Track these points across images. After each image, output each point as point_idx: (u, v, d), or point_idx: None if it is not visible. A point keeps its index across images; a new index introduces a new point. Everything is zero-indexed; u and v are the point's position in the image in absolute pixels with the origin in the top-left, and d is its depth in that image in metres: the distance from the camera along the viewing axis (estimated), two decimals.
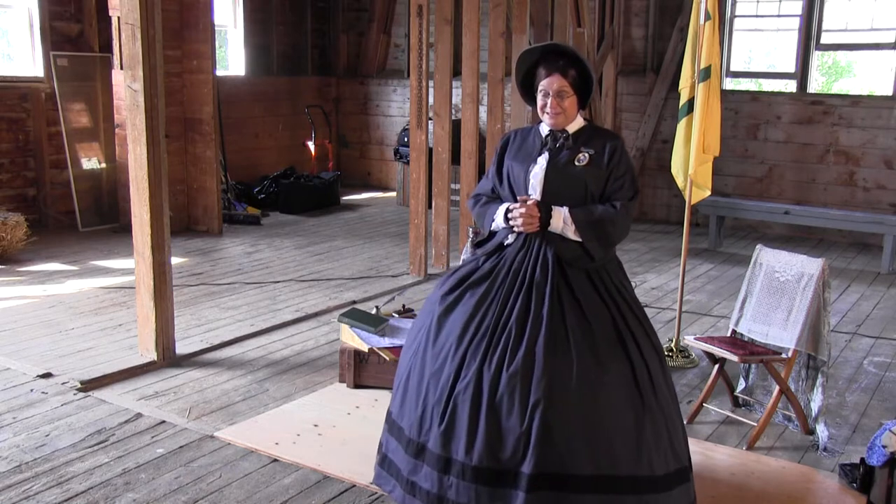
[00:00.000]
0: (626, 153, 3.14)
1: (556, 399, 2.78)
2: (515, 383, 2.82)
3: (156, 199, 4.60)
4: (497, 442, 2.80)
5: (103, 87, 8.42)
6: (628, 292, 3.15)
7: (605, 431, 2.81)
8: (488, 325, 2.96)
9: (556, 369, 2.82)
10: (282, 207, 9.77)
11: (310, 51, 11.67)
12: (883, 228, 7.74)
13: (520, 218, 3.06)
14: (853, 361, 5.20)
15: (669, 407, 3.01)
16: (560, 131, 3.16)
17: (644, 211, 10.04)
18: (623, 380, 2.88)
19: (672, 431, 2.98)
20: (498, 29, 7.18)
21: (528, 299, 2.97)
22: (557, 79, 3.07)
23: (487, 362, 2.88)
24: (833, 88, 11.01)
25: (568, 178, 3.07)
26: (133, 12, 4.46)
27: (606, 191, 3.10)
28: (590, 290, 3.02)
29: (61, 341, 5.13)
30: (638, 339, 3.00)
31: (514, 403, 2.79)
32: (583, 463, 2.78)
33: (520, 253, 3.09)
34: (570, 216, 3.04)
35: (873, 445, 3.39)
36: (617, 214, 3.06)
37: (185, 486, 3.44)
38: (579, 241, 3.06)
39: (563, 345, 2.87)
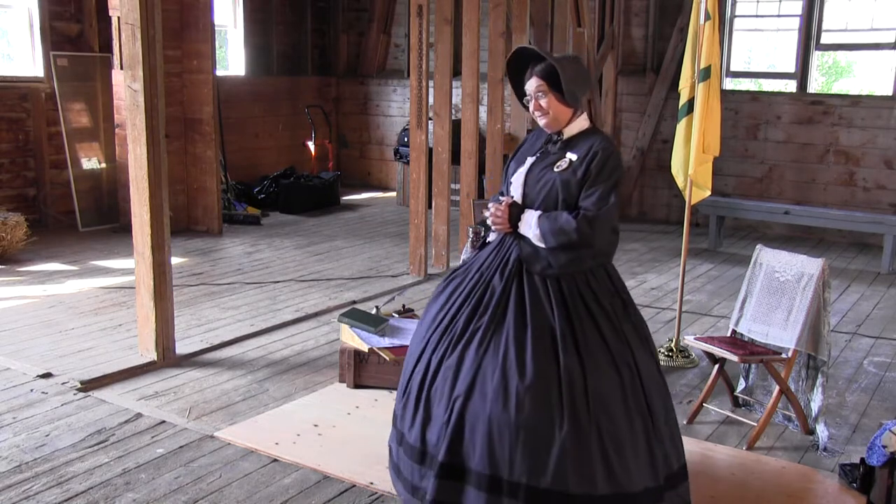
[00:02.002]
0: (609, 162, 2.99)
1: (474, 396, 2.84)
2: (448, 375, 2.92)
3: (156, 199, 4.60)
4: (427, 427, 2.95)
5: (103, 87, 8.42)
6: (604, 305, 3.00)
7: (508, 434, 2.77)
8: (449, 318, 3.05)
9: (481, 369, 2.86)
10: (282, 207, 9.77)
11: (310, 51, 11.67)
12: (883, 228, 7.74)
13: (491, 217, 3.10)
14: (853, 361, 5.20)
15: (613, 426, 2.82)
16: (556, 134, 3.13)
17: (644, 211, 10.05)
18: (543, 391, 2.78)
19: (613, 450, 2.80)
20: (498, 29, 7.18)
21: (482, 297, 3.02)
22: (534, 80, 3.07)
23: (436, 352, 3.00)
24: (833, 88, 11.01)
25: (544, 183, 3.05)
26: (133, 12, 4.46)
27: (580, 199, 3.00)
28: (541, 297, 2.95)
29: (61, 341, 5.13)
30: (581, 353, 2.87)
31: (444, 394, 2.91)
32: (481, 460, 2.80)
33: (493, 252, 3.13)
34: (536, 221, 3.00)
35: (873, 445, 3.39)
36: (578, 224, 2.92)
37: (185, 486, 3.44)
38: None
39: (494, 346, 2.89)
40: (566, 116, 3.09)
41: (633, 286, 6.87)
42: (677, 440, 3.08)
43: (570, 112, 3.09)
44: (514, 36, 7.68)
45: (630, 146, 10.00)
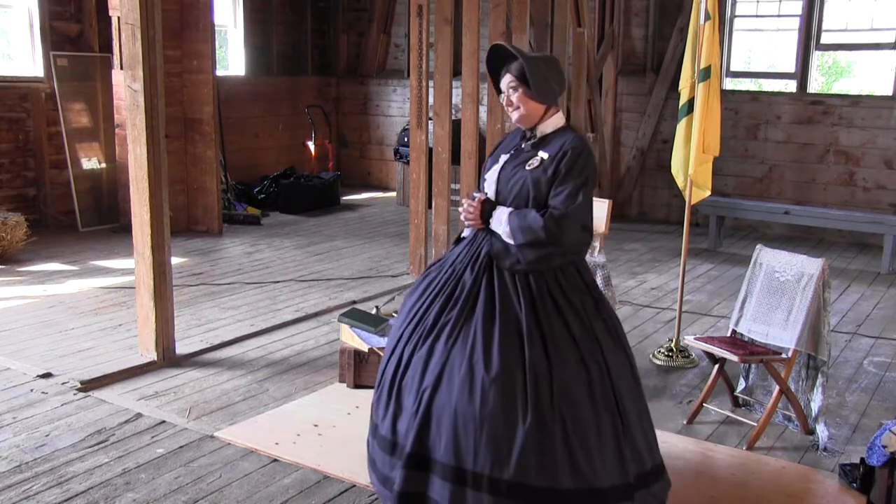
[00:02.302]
0: (578, 161, 3.00)
1: (441, 388, 2.88)
2: (418, 367, 2.96)
3: (156, 199, 4.61)
4: (398, 418, 3.00)
5: (103, 87, 8.42)
6: (573, 302, 3.01)
7: (473, 426, 2.80)
8: (422, 311, 3.09)
9: (448, 361, 2.91)
10: (282, 207, 9.77)
11: (310, 51, 11.67)
12: (883, 228, 7.74)
13: (463, 213, 3.14)
14: (853, 361, 5.20)
15: (578, 422, 2.82)
16: (530, 131, 3.17)
17: (644, 211, 10.05)
18: (508, 384, 2.81)
19: (577, 446, 2.81)
20: (498, 29, 7.17)
21: (453, 291, 3.06)
22: (507, 76, 3.12)
23: (409, 344, 3.04)
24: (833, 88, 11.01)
25: (515, 181, 3.08)
26: (133, 12, 4.46)
27: (549, 197, 3.02)
28: (510, 292, 2.98)
29: (61, 341, 5.13)
30: (547, 350, 2.88)
31: (414, 385, 2.95)
32: (447, 451, 2.84)
33: (466, 247, 3.17)
34: (506, 218, 3.03)
35: (873, 445, 3.39)
36: (545, 222, 2.94)
37: (185, 486, 3.44)
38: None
39: (462, 339, 2.93)
40: (538, 113, 3.12)
41: (633, 286, 6.87)
42: (651, 440, 3.09)
43: (542, 109, 3.12)
44: (514, 36, 7.67)
45: (630, 146, 10.00)
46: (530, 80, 3.02)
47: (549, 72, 3.10)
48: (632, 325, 5.82)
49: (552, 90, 3.10)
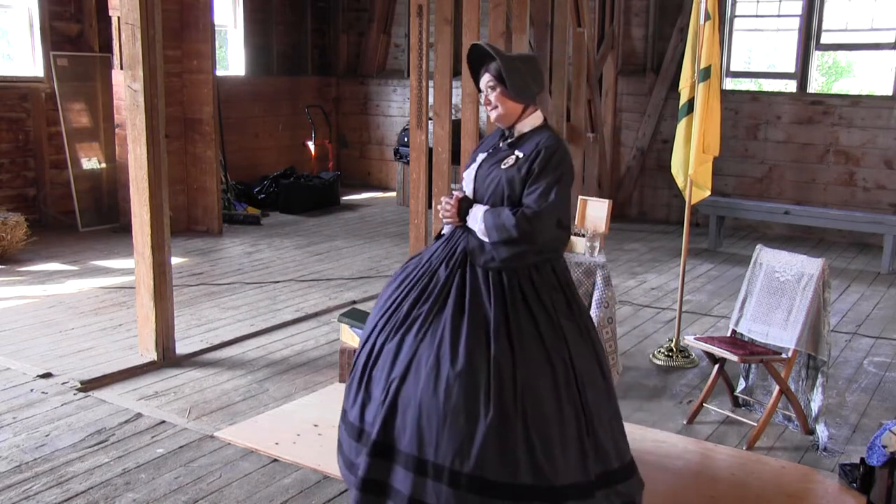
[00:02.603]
0: (552, 159, 3.03)
1: (408, 379, 2.93)
2: (388, 358, 3.02)
3: (156, 199, 4.61)
4: (366, 406, 3.06)
5: (103, 87, 8.42)
6: (543, 300, 3.02)
7: (436, 419, 2.85)
8: (396, 303, 3.13)
9: (417, 354, 2.96)
10: (282, 207, 9.77)
11: (310, 51, 11.67)
12: (883, 228, 7.74)
13: (441, 210, 3.18)
14: (853, 361, 5.20)
15: (540, 419, 2.84)
16: (508, 130, 3.20)
17: (644, 211, 10.05)
18: (473, 379, 2.84)
19: (539, 443, 2.82)
20: (498, 29, 7.17)
21: (427, 285, 3.10)
22: (486, 76, 3.15)
23: (381, 335, 3.09)
24: (833, 88, 11.01)
25: (491, 179, 3.12)
26: (133, 12, 4.46)
27: (524, 194, 3.04)
28: (481, 288, 3.01)
29: (61, 341, 5.13)
30: (520, 347, 2.90)
31: (383, 376, 3.01)
32: (410, 442, 2.89)
33: (444, 243, 3.20)
34: (482, 215, 3.07)
35: (873, 445, 3.39)
36: (517, 220, 2.97)
37: (185, 486, 3.44)
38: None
39: (431, 333, 2.97)
40: (516, 112, 3.15)
41: (633, 286, 6.87)
42: (619, 439, 3.09)
43: (519, 108, 3.14)
44: (515, 36, 7.67)
45: (630, 146, 10.00)
46: (507, 79, 3.06)
47: (527, 71, 3.12)
48: (632, 325, 5.82)
49: (530, 90, 3.13)
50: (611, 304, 4.37)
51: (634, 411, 4.34)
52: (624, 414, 4.26)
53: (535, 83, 3.15)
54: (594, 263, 4.41)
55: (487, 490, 2.79)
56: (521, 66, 3.11)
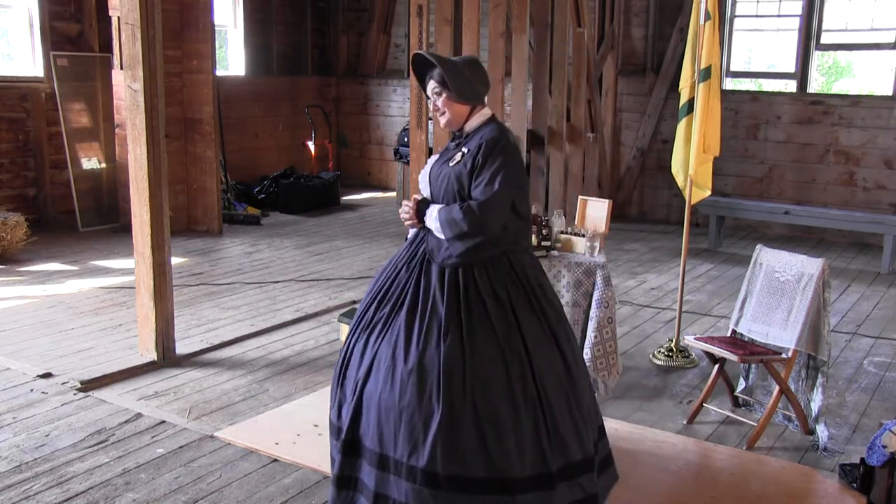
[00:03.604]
0: (495, 149, 3.04)
1: (370, 379, 3.01)
2: (356, 360, 3.10)
3: (156, 199, 4.60)
4: (342, 405, 3.13)
5: (103, 87, 8.42)
6: (499, 295, 3.03)
7: (394, 416, 2.92)
8: (365, 305, 3.20)
9: (377, 354, 3.03)
10: (282, 207, 9.77)
11: (310, 51, 11.67)
12: (883, 228, 7.74)
13: (401, 214, 3.25)
14: (853, 361, 5.20)
15: (493, 413, 2.87)
16: (459, 131, 3.25)
17: (644, 211, 10.05)
18: (424, 376, 2.90)
19: (491, 436, 2.85)
20: (498, 29, 7.17)
21: (389, 287, 3.16)
22: (431, 82, 3.20)
23: (353, 336, 3.17)
24: (833, 88, 11.00)
25: (442, 178, 3.17)
26: (133, 12, 4.46)
27: (471, 188, 3.06)
28: (435, 287, 3.05)
29: (61, 341, 5.13)
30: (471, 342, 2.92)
31: (352, 376, 3.09)
32: (373, 439, 2.97)
33: (408, 246, 3.25)
34: (436, 213, 3.11)
35: (873, 445, 3.39)
36: (463, 212, 3.00)
37: (185, 486, 3.44)
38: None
39: (390, 333, 3.04)
40: (464, 114, 3.19)
41: (633, 286, 6.87)
42: (583, 432, 3.06)
43: (467, 110, 3.19)
44: (514, 36, 7.68)
45: (630, 146, 10.00)
46: (450, 83, 3.10)
47: (471, 74, 3.17)
48: (632, 325, 5.82)
49: (475, 91, 3.18)
50: (611, 304, 4.37)
51: (634, 411, 4.34)
52: (624, 414, 4.28)
53: (480, 84, 3.20)
54: (594, 263, 4.41)
55: (441, 484, 2.85)
56: (465, 69, 3.16)
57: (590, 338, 4.36)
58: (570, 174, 8.62)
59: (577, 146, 8.66)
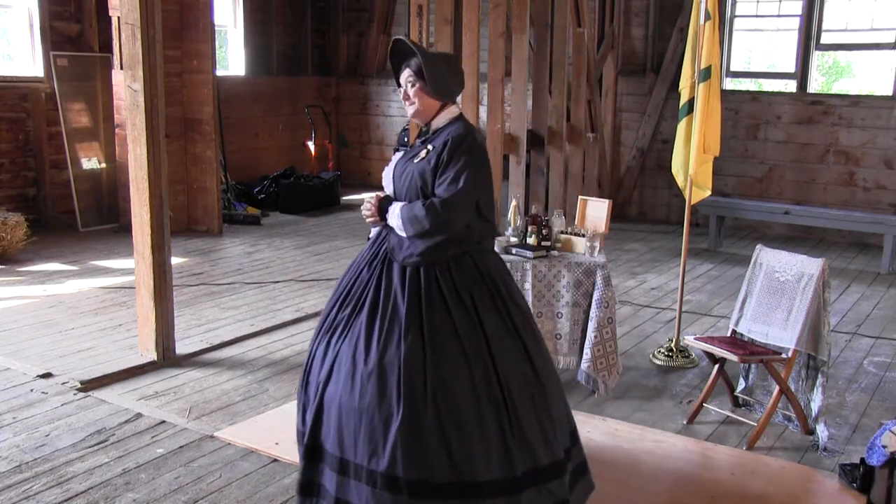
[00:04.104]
0: (460, 147, 3.01)
1: (331, 382, 2.97)
2: (317, 363, 3.07)
3: (156, 199, 4.60)
4: (305, 410, 3.09)
5: (103, 87, 8.42)
6: (462, 295, 2.99)
7: (353, 419, 2.88)
8: (328, 308, 3.18)
9: (338, 356, 2.99)
10: (282, 207, 9.77)
11: (310, 51, 11.67)
12: (883, 228, 7.74)
13: (364, 211, 3.19)
14: (853, 361, 5.20)
15: (456, 415, 2.82)
16: (426, 126, 3.23)
17: (644, 211, 10.05)
18: (384, 377, 2.85)
19: (455, 439, 2.80)
20: (498, 29, 7.18)
21: (350, 288, 3.13)
22: (406, 71, 3.15)
23: (316, 339, 3.14)
24: (833, 88, 11.00)
25: (406, 175, 3.14)
26: (133, 12, 4.46)
27: (435, 186, 3.03)
28: (395, 286, 3.00)
29: (61, 341, 5.13)
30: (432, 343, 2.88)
31: (314, 380, 3.06)
32: (333, 443, 2.93)
33: (370, 246, 3.22)
34: (398, 211, 3.06)
35: (873, 445, 3.39)
36: (426, 210, 2.96)
37: (185, 486, 3.44)
38: None
39: (350, 334, 3.00)
40: (433, 109, 3.16)
41: (633, 286, 6.87)
42: (550, 436, 2.98)
43: (437, 105, 3.15)
44: (514, 36, 7.68)
45: (630, 146, 10.00)
46: (427, 75, 3.06)
47: (448, 70, 3.14)
48: (632, 325, 5.82)
49: (448, 88, 3.14)
50: (611, 304, 4.37)
51: (634, 411, 4.34)
52: (624, 414, 4.28)
53: (454, 83, 3.16)
54: (594, 263, 4.41)
55: (402, 489, 2.79)
56: (443, 64, 3.13)
57: (590, 338, 4.36)
58: (570, 174, 8.62)
59: (577, 146, 8.66)
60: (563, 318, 4.46)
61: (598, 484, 3.50)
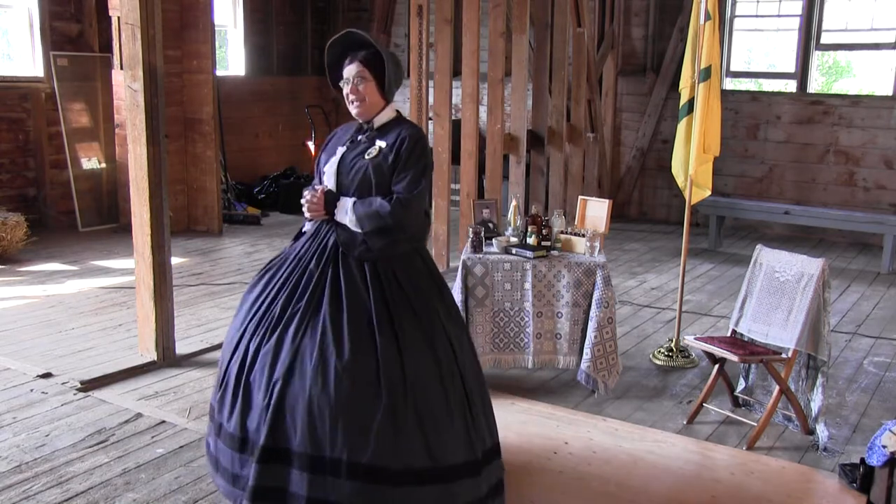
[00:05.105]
0: (418, 147, 3.11)
1: (293, 378, 2.90)
2: (266, 360, 2.96)
3: (156, 199, 4.60)
4: (246, 413, 2.97)
5: (103, 87, 8.42)
6: (421, 288, 3.10)
7: (329, 413, 2.84)
8: (266, 305, 3.10)
9: (299, 351, 2.93)
10: (282, 207, 9.77)
11: (310, 51, 11.67)
12: (883, 228, 7.74)
13: (306, 205, 3.17)
14: (853, 361, 5.20)
15: (429, 405, 2.93)
16: (367, 122, 3.24)
17: (644, 211, 10.05)
18: (361, 370, 2.87)
19: (430, 427, 2.91)
20: (498, 29, 7.17)
21: (298, 282, 3.09)
22: (355, 65, 3.16)
23: (254, 339, 3.03)
24: (833, 88, 11.00)
25: (357, 170, 3.16)
26: (133, 12, 4.46)
27: (393, 183, 3.11)
28: (357, 280, 3.04)
29: (61, 341, 5.13)
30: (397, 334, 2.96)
31: (263, 379, 2.94)
32: (302, 441, 2.87)
33: (309, 240, 3.21)
34: (352, 207, 3.10)
35: (873, 445, 3.39)
36: (391, 207, 3.04)
37: (185, 486, 3.44)
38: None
39: (311, 329, 2.96)
40: (379, 106, 3.21)
41: (633, 286, 6.87)
42: (491, 420, 3.20)
43: (383, 103, 3.21)
44: (514, 36, 7.68)
45: (630, 146, 10.00)
46: (388, 76, 3.12)
47: (397, 71, 3.20)
48: (632, 325, 5.82)
49: (397, 88, 3.23)
50: (611, 304, 4.37)
51: (634, 411, 4.34)
52: (624, 414, 4.28)
53: (400, 82, 3.24)
54: (594, 263, 4.42)
55: (387, 478, 2.83)
56: (394, 66, 3.17)
57: (590, 338, 4.36)
58: (570, 174, 8.62)
59: (577, 146, 8.66)
60: (563, 318, 4.46)
61: (598, 484, 3.51)
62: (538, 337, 4.48)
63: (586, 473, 3.62)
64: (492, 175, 7.39)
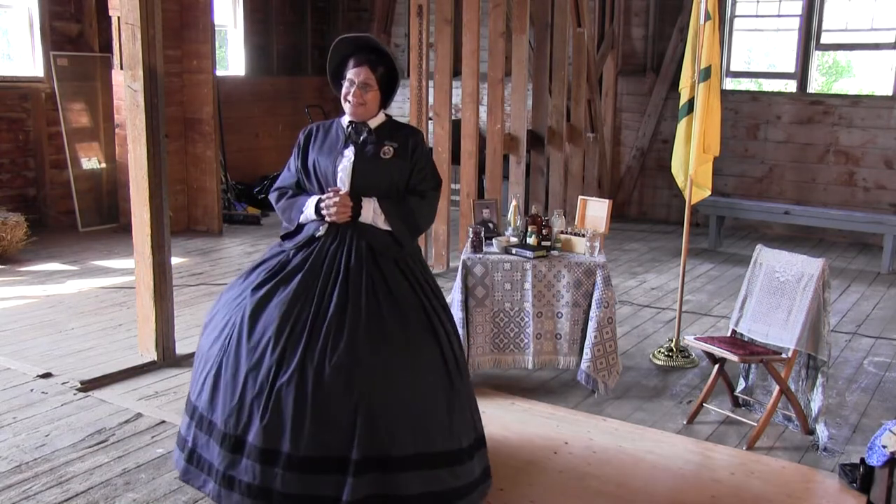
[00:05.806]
0: (427, 152, 3.35)
1: (377, 388, 2.95)
2: (339, 374, 2.94)
3: (156, 199, 4.60)
4: (325, 432, 2.92)
5: (103, 87, 8.42)
6: (431, 279, 3.34)
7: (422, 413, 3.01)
8: (307, 317, 3.05)
9: (376, 359, 2.98)
10: None
11: (310, 51, 11.67)
12: (883, 228, 7.74)
13: (333, 207, 3.17)
14: (853, 361, 5.20)
15: (468, 385, 3.28)
16: (361, 124, 3.27)
17: (644, 211, 10.05)
18: (434, 364, 3.09)
19: (471, 406, 3.26)
20: (498, 29, 7.18)
21: (346, 290, 3.09)
22: (365, 70, 3.20)
23: (310, 355, 2.97)
24: (833, 88, 11.00)
25: (375, 171, 3.22)
26: (133, 12, 4.46)
27: (411, 182, 3.28)
28: (401, 279, 3.17)
29: (61, 341, 5.13)
30: (444, 324, 3.21)
31: (340, 394, 2.93)
32: (404, 444, 2.96)
33: (333, 244, 3.20)
34: (381, 206, 3.20)
35: (873, 445, 3.39)
36: (423, 204, 3.27)
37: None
38: (389, 230, 3.22)
39: (380, 334, 3.02)
40: (374, 112, 3.29)
41: (633, 286, 6.87)
42: (474, 409, 3.33)
43: (378, 109, 3.31)
44: (514, 36, 7.68)
45: (630, 146, 10.00)
46: (394, 90, 3.28)
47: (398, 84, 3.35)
48: (632, 325, 5.82)
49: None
50: (611, 304, 4.37)
51: (634, 411, 4.34)
52: (624, 414, 4.28)
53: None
54: (594, 263, 4.42)
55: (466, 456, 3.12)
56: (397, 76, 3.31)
57: (590, 338, 4.36)
58: (570, 174, 8.62)
59: (577, 146, 8.66)
60: (563, 318, 4.46)
61: (598, 484, 3.51)
62: (538, 337, 4.48)
63: (586, 473, 3.62)
64: (492, 175, 7.39)
